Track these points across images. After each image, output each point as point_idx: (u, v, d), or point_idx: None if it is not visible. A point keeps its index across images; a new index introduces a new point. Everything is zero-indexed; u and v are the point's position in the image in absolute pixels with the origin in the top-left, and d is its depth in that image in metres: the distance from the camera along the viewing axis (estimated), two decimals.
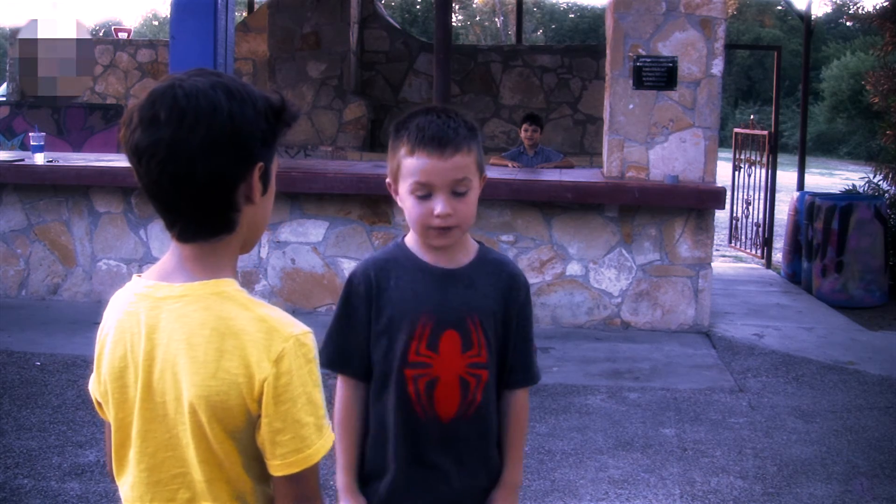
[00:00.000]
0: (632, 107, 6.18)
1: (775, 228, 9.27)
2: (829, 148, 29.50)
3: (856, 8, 29.12)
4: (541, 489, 3.66)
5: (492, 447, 1.82)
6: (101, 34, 26.94)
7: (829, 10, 32.26)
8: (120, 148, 1.44)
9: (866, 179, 8.62)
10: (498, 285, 1.79)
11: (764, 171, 8.95)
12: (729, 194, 8.22)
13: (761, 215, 9.07)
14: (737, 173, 9.53)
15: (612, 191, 6.04)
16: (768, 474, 3.86)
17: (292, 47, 11.54)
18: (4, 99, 13.07)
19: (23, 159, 6.77)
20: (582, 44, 21.18)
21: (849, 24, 31.49)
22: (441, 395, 1.73)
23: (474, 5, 42.24)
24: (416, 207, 1.70)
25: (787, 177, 12.69)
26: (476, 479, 1.80)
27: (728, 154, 9.89)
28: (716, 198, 5.97)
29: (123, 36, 15.29)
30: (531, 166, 7.21)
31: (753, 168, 9.21)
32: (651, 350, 5.69)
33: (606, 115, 6.34)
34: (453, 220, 1.69)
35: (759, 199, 9.08)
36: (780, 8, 34.92)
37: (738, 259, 9.77)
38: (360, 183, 6.16)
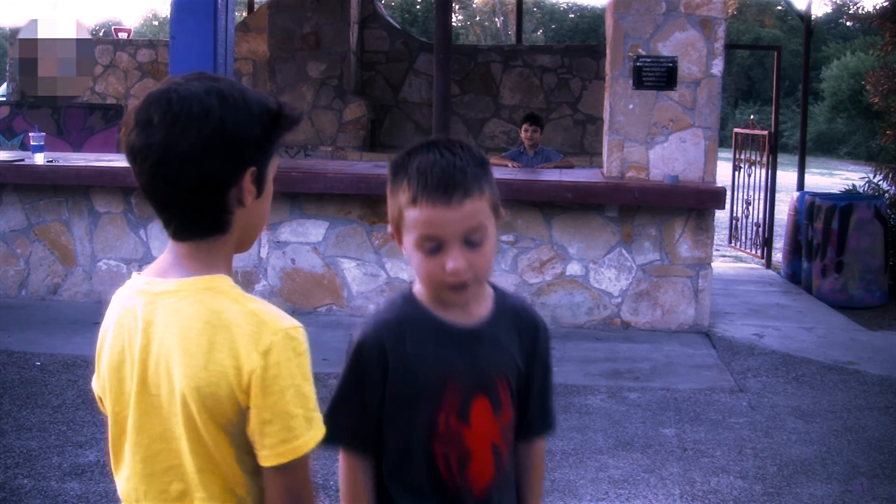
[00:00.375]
0: (632, 107, 6.18)
1: (775, 228, 9.27)
2: (829, 148, 29.50)
3: (856, 8, 29.21)
4: None
5: (514, 498, 1.70)
6: (101, 34, 26.94)
7: (829, 10, 32.31)
8: (120, 148, 1.49)
9: (866, 179, 8.62)
10: (521, 336, 1.63)
11: (764, 171, 8.96)
12: (729, 194, 8.22)
13: (761, 215, 9.07)
14: (737, 173, 9.53)
15: (612, 191, 6.04)
16: (768, 474, 3.87)
17: (292, 47, 11.54)
18: (4, 99, 13.06)
19: (23, 159, 6.77)
20: (582, 44, 21.19)
21: (849, 24, 31.53)
22: (475, 468, 1.57)
23: (474, 5, 42.26)
24: (424, 263, 1.48)
25: (787, 177, 12.68)
26: None
27: (728, 154, 9.89)
28: (716, 198, 5.97)
29: (123, 36, 15.29)
30: (531, 166, 7.21)
31: (753, 168, 9.22)
32: (651, 350, 5.69)
33: (606, 115, 6.34)
34: (469, 275, 1.47)
35: (759, 199, 9.08)
36: (780, 8, 34.95)
37: (738, 259, 9.77)
38: (360, 183, 6.16)
